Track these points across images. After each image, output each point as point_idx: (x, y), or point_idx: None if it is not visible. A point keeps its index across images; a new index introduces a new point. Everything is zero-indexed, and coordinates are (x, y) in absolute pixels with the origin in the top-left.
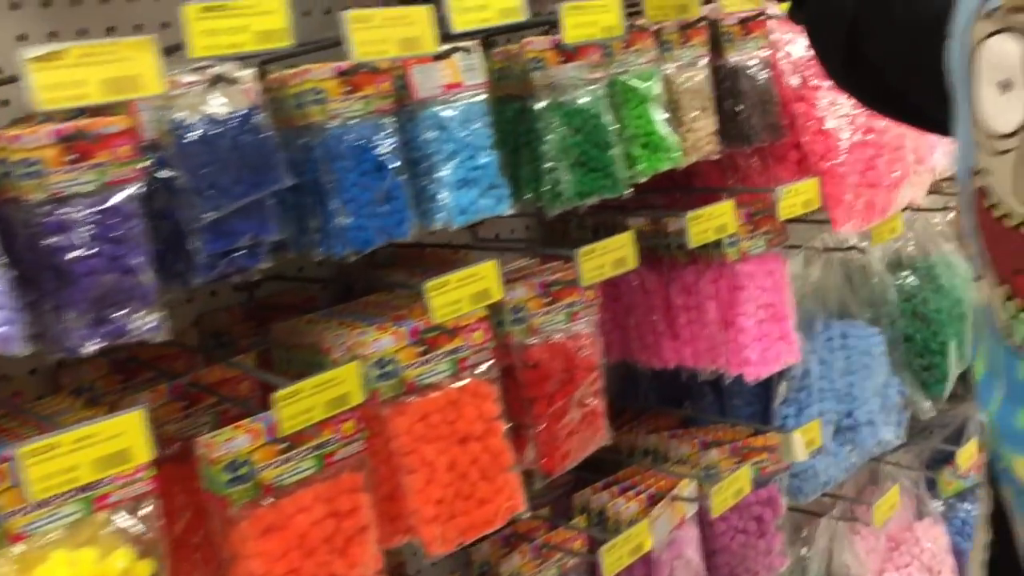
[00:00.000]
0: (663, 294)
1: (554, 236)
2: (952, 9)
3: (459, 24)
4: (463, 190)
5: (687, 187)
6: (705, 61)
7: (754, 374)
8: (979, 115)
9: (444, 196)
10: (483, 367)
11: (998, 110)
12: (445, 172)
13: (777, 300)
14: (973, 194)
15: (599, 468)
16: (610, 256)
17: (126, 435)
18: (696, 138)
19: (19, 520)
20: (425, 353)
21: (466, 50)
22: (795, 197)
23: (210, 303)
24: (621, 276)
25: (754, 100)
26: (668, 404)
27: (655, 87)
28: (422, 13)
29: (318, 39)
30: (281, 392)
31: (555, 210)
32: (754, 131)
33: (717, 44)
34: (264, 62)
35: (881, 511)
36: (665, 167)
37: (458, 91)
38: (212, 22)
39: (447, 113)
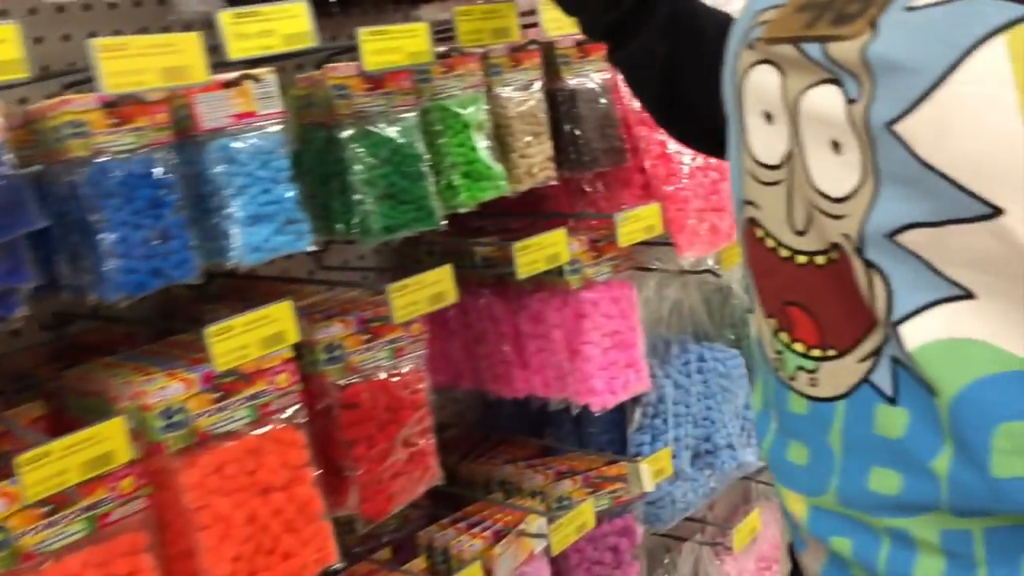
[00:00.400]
0: (512, 322)
1: (405, 262)
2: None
3: (235, 52)
4: (256, 226)
5: (535, 213)
6: (539, 85)
7: (600, 404)
8: (748, 145)
9: (235, 233)
10: (289, 412)
11: (764, 141)
12: (235, 208)
13: (624, 327)
14: (745, 224)
15: (455, 503)
16: (426, 291)
17: None
18: (530, 164)
19: None
20: (221, 400)
21: (255, 78)
22: (636, 223)
23: (12, 343)
24: (471, 303)
25: (593, 124)
26: (529, 431)
27: (478, 113)
28: (190, 40)
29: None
30: (24, 456)
31: (368, 243)
32: (594, 156)
33: (553, 67)
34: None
35: (742, 535)
36: (489, 196)
37: (251, 121)
38: None
39: (237, 145)
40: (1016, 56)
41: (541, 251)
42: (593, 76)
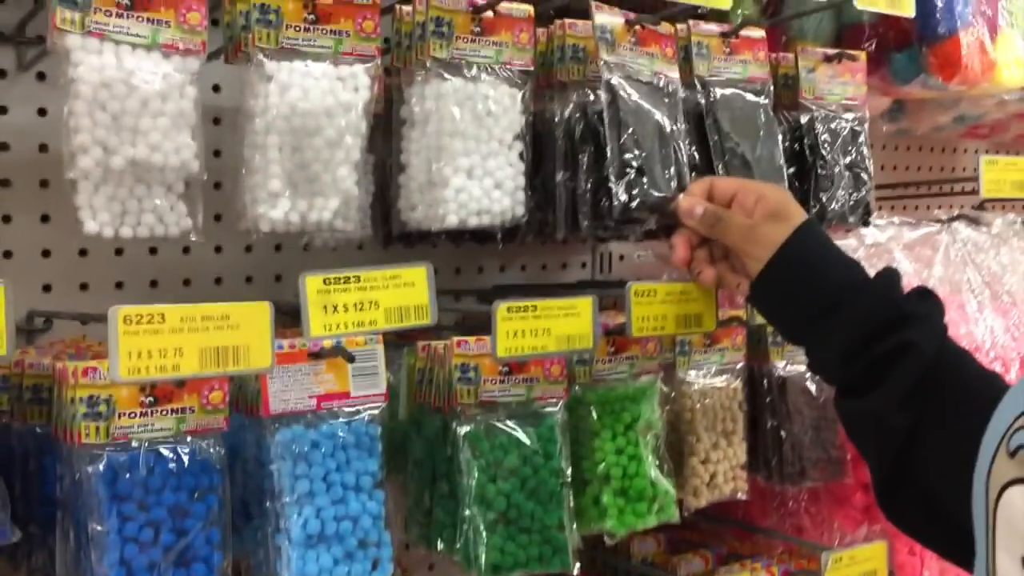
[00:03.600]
0: None
1: None
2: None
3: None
4: (313, 549)
5: (714, 517)
6: (739, 369)
7: None
8: None
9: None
10: None
11: None
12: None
13: None
14: None
15: None
16: None
17: None
18: (712, 472)
19: None
20: None
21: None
22: (850, 567)
23: None
24: None
25: (806, 424)
26: None
27: (649, 408)
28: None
29: None
30: None
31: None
32: (801, 467)
33: (761, 347)
34: None
35: None
36: (648, 524)
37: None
38: None
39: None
40: None
41: None
42: None
